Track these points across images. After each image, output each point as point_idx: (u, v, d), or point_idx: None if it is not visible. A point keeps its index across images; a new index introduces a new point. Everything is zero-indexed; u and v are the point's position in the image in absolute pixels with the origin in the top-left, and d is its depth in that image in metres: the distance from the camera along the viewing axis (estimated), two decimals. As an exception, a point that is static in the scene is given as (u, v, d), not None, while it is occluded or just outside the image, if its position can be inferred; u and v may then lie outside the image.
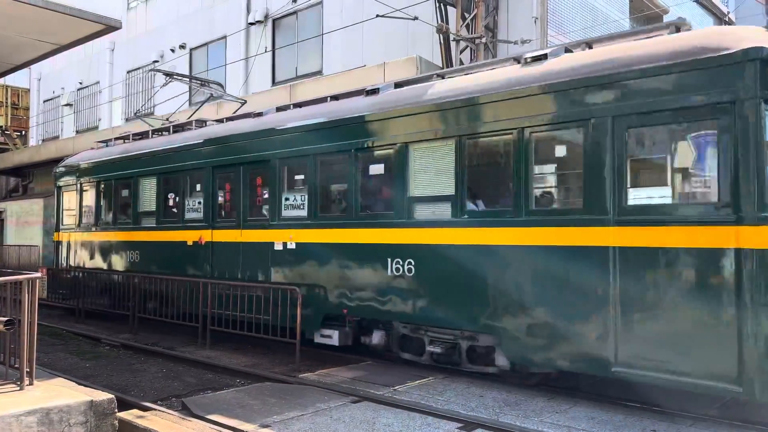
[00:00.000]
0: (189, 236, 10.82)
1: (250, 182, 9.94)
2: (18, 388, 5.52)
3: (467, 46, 12.65)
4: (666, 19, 16.32)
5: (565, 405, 6.39)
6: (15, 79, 27.88)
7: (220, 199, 10.48)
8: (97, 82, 24.40)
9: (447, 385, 7.20)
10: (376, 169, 8.30)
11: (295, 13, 17.24)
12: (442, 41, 12.39)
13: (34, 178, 26.01)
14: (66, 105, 25.89)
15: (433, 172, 7.72)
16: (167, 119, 14.10)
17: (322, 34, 16.12)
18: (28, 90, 29.16)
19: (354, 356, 8.90)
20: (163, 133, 12.63)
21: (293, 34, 17.36)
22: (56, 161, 22.46)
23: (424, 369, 7.96)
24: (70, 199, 14.38)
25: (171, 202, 11.41)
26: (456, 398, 6.66)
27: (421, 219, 7.72)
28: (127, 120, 22.63)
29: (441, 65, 12.27)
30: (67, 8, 6.67)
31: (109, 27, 7.25)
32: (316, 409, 6.23)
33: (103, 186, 13.25)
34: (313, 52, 16.71)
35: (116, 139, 13.88)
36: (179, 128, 12.23)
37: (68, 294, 13.95)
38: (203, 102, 14.01)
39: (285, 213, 9.31)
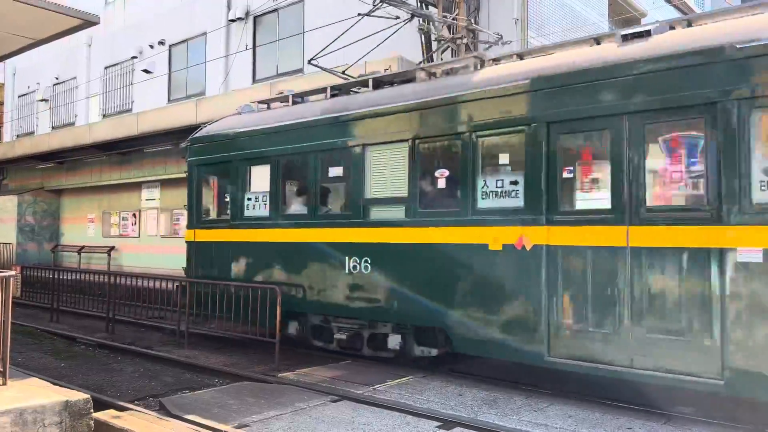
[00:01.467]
0: (491, 236, 6.97)
1: (667, 145, 6.10)
2: (-9, 388, 5.42)
3: (448, 46, 12.70)
4: (644, 21, 16.55)
5: (543, 403, 6.45)
6: (-11, 74, 27.39)
7: (566, 176, 6.60)
8: (74, 78, 24.03)
9: (426, 384, 7.22)
10: None
11: (276, 10, 17.15)
12: (423, 41, 12.43)
13: (8, 174, 25.53)
14: (41, 100, 25.45)
15: None
16: (344, 71, 10.88)
17: (303, 32, 16.07)
18: (3, 85, 28.62)
19: (334, 355, 8.89)
20: (383, 84, 8.96)
21: (274, 31, 17.28)
22: (32, 157, 22.14)
23: (403, 368, 7.97)
24: (215, 184, 10.54)
25: (442, 183, 7.64)
26: (435, 397, 6.69)
27: None
28: (104, 116, 22.34)
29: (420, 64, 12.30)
30: (44, 2, 6.54)
31: (87, 22, 7.12)
32: (296, 409, 6.21)
33: (285, 162, 9.30)
34: (295, 50, 16.64)
35: (295, 96, 9.93)
36: (431, 74, 8.59)
37: (226, 316, 9.58)
38: (453, 38, 10.24)
39: None
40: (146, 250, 19.83)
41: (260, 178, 9.55)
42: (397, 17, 12.34)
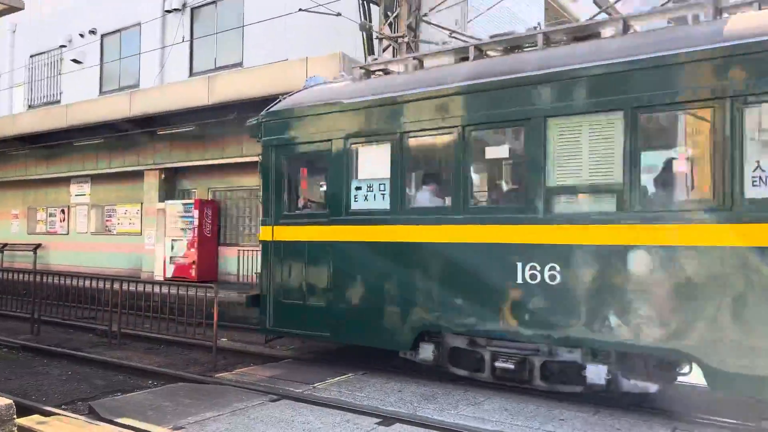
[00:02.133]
0: None
1: None
2: None
3: (390, 45, 12.76)
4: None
5: (480, 398, 6.58)
6: None
7: None
8: (-4, 66, 22.81)
9: (366, 381, 7.24)
10: None
11: (214, 2, 16.80)
12: (365, 39, 12.44)
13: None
14: (-40, 89, 24.01)
15: None
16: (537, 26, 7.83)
17: (243, 26, 15.80)
18: None
19: (273, 353, 8.79)
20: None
21: (213, 24, 16.91)
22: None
23: (343, 366, 7.97)
24: (303, 169, 8.59)
25: (681, 166, 6.08)
26: (375, 394, 6.71)
27: None
28: (30, 107, 21.27)
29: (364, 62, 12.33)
30: (-38, -16, 6.19)
31: (11, 7, 6.77)
32: (234, 409, 6.10)
33: (415, 142, 7.37)
34: (234, 43, 16.34)
35: (413, 59, 8.08)
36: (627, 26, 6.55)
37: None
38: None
39: None
40: (76, 247, 19.08)
41: (376, 160, 7.61)
42: (339, 13, 12.31)
